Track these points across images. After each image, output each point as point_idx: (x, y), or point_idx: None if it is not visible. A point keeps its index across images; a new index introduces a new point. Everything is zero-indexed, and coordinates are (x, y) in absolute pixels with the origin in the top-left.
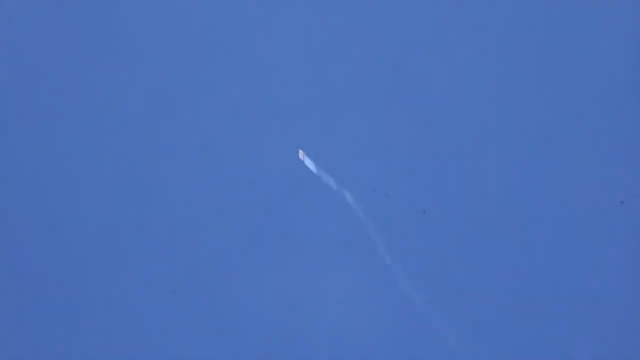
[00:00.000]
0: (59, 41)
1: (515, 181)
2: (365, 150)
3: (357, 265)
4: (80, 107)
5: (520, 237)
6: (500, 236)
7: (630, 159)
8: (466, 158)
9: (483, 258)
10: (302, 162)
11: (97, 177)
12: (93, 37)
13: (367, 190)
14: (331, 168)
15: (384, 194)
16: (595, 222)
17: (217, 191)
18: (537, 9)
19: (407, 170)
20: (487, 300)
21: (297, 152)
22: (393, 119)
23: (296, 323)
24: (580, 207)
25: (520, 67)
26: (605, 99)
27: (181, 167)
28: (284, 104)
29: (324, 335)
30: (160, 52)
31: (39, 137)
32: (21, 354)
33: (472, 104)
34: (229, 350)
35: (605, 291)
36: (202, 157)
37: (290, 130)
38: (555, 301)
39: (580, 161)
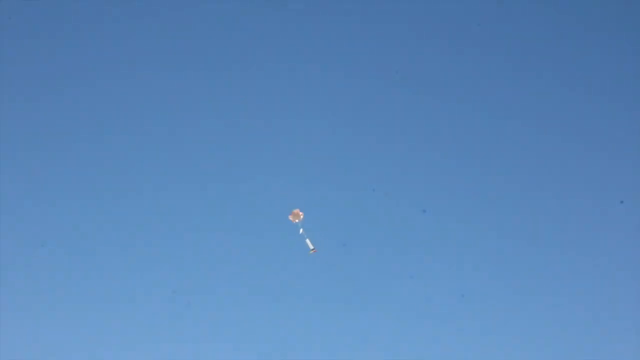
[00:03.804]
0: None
1: (515, 181)
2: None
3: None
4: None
5: (520, 237)
6: (500, 236)
7: (630, 159)
8: (465, 155)
9: (483, 258)
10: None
11: (97, 180)
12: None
13: (367, 190)
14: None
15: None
16: (595, 222)
17: (216, 193)
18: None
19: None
20: (487, 300)
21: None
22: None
23: (296, 322)
24: (581, 207)
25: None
26: (606, 101)
27: (182, 170)
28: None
29: (325, 335)
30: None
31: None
32: (22, 352)
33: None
34: (229, 349)
35: (605, 290)
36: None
37: None
38: (555, 300)
39: (580, 161)
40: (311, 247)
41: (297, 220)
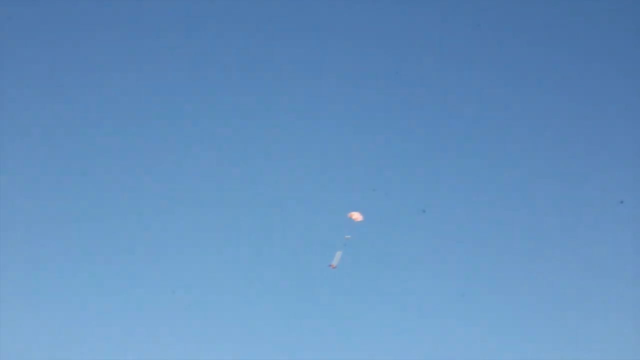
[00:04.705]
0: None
1: (516, 181)
2: None
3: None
4: None
5: (520, 237)
6: (500, 236)
7: (630, 159)
8: (464, 152)
9: (482, 258)
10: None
11: (97, 180)
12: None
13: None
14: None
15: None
16: (595, 222)
17: (217, 193)
18: None
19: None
20: (487, 300)
21: None
22: None
23: (298, 323)
24: (581, 207)
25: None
26: (606, 101)
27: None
28: None
29: (325, 334)
30: None
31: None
32: (21, 352)
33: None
34: (229, 349)
35: (605, 289)
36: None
37: None
38: (555, 299)
39: (580, 161)
40: (335, 261)
41: (356, 220)
